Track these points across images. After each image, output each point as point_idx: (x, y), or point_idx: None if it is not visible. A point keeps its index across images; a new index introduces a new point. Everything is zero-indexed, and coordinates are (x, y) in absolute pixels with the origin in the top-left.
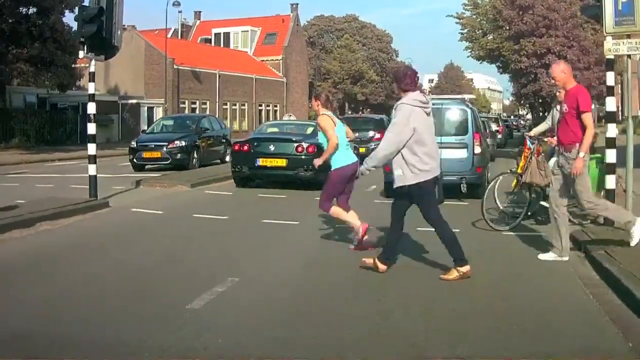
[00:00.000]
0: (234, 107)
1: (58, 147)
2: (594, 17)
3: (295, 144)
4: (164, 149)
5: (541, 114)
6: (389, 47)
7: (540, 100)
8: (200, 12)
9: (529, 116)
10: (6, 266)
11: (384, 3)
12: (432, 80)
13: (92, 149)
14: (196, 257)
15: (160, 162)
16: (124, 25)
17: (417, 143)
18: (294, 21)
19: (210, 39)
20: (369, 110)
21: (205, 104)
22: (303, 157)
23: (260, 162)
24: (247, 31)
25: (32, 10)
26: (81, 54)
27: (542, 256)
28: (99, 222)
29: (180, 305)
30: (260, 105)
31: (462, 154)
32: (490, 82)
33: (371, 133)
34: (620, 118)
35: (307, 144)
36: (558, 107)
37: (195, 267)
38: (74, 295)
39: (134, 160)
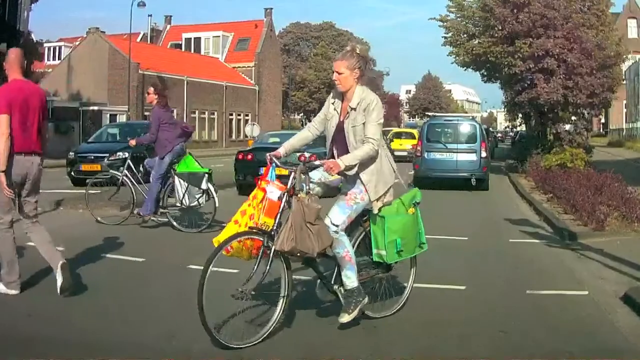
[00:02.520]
0: (202, 115)
1: None
2: None
3: (298, 154)
4: (105, 160)
5: (535, 124)
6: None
7: (537, 110)
8: (170, 16)
9: (522, 127)
10: None
11: (360, 14)
12: (410, 91)
13: None
14: None
15: (102, 176)
16: (89, 29)
17: None
18: (268, 27)
19: (181, 44)
20: None
21: (173, 111)
22: None
23: (264, 171)
24: (219, 36)
25: None
26: None
27: None
28: None
29: None
30: (231, 114)
31: (473, 157)
32: (468, 93)
33: None
34: (604, 131)
35: (309, 154)
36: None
37: None
38: None
39: (72, 173)
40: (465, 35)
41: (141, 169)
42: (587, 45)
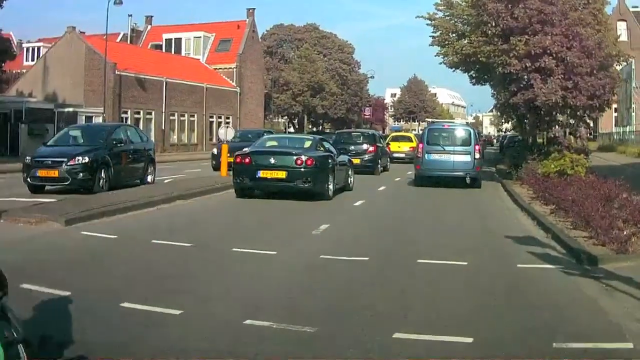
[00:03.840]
0: (182, 117)
1: None
2: None
3: (295, 157)
4: (63, 166)
5: (531, 128)
6: (351, 59)
7: (533, 112)
8: (151, 16)
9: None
10: None
11: (345, 17)
12: (395, 94)
13: None
14: None
15: (58, 182)
16: (67, 29)
17: None
18: (250, 27)
19: (161, 45)
20: (329, 124)
21: (150, 113)
22: (302, 169)
23: (261, 174)
24: (200, 37)
25: None
26: None
27: None
28: None
29: None
30: (212, 117)
31: (467, 158)
32: (454, 97)
33: (365, 146)
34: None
35: (306, 157)
36: None
37: None
38: None
39: (28, 179)
40: (454, 35)
41: (103, 174)
42: (587, 43)
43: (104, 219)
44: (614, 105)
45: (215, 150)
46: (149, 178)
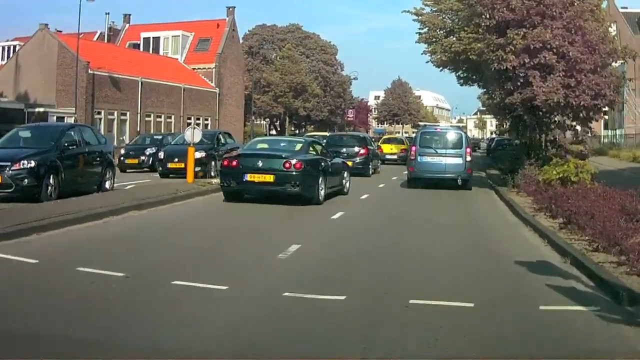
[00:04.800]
0: (158, 119)
1: None
2: None
3: (283, 160)
4: (7, 171)
5: (529, 130)
6: (334, 60)
7: (531, 113)
8: (129, 15)
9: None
10: None
11: (329, 20)
12: (378, 97)
13: None
14: None
15: (1, 189)
16: (39, 26)
17: None
18: (230, 26)
19: (139, 44)
20: (312, 127)
21: (125, 114)
22: (290, 173)
23: (249, 177)
24: (179, 36)
25: None
26: None
27: None
28: None
29: None
30: (189, 118)
31: (459, 160)
32: (438, 100)
33: (356, 149)
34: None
35: (295, 160)
36: None
37: None
38: None
39: None
40: (442, 32)
41: (52, 181)
42: (590, 37)
43: (33, 236)
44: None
45: (161, 155)
46: (107, 184)
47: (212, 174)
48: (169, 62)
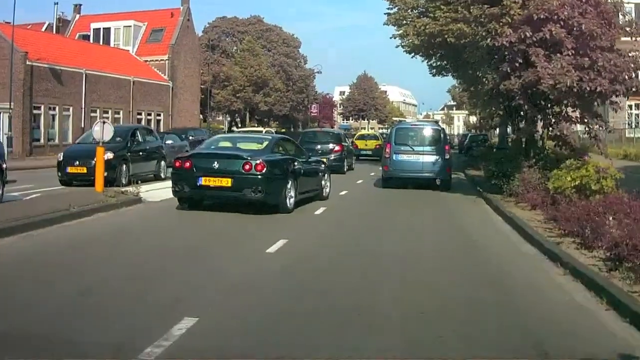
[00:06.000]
0: (105, 114)
1: None
2: None
3: (243, 161)
4: None
5: (527, 123)
6: (297, 53)
7: (533, 101)
8: (80, 5)
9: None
10: None
11: (295, 17)
12: (344, 92)
13: None
14: None
15: None
16: None
17: None
18: (185, 15)
19: (89, 36)
20: (276, 123)
21: (68, 109)
22: (251, 176)
23: (203, 181)
24: (130, 26)
25: None
26: None
27: None
28: None
29: None
30: (140, 114)
31: (437, 159)
32: (405, 95)
33: (331, 145)
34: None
35: (256, 162)
36: None
37: None
38: None
39: None
40: (415, 11)
41: None
42: (605, 7)
43: None
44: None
45: (60, 156)
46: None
47: (123, 180)
48: (119, 53)
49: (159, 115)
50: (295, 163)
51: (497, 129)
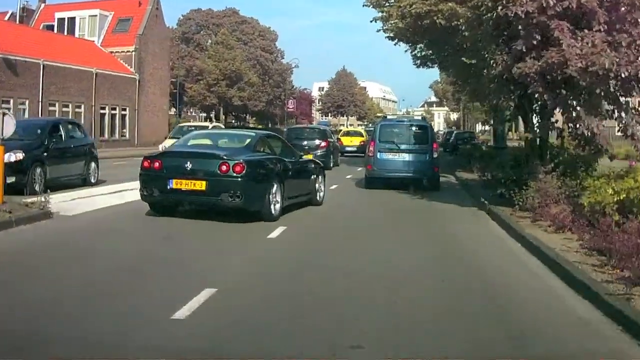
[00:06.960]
0: (65, 108)
1: None
2: None
3: (219, 161)
4: None
5: (543, 119)
6: (274, 47)
7: (553, 90)
8: None
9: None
10: None
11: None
12: (322, 88)
13: None
14: None
15: None
16: None
17: None
18: (153, 4)
19: (53, 26)
20: (254, 118)
21: (24, 103)
22: (228, 179)
23: (174, 184)
24: (96, 16)
25: None
26: None
27: None
28: None
29: None
30: (103, 108)
31: (424, 157)
32: (385, 91)
33: (317, 142)
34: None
35: (234, 162)
36: None
37: None
38: None
39: None
40: None
41: None
42: None
43: None
44: None
45: None
46: None
47: (37, 187)
48: (83, 44)
49: (124, 109)
50: (282, 163)
51: (489, 126)
